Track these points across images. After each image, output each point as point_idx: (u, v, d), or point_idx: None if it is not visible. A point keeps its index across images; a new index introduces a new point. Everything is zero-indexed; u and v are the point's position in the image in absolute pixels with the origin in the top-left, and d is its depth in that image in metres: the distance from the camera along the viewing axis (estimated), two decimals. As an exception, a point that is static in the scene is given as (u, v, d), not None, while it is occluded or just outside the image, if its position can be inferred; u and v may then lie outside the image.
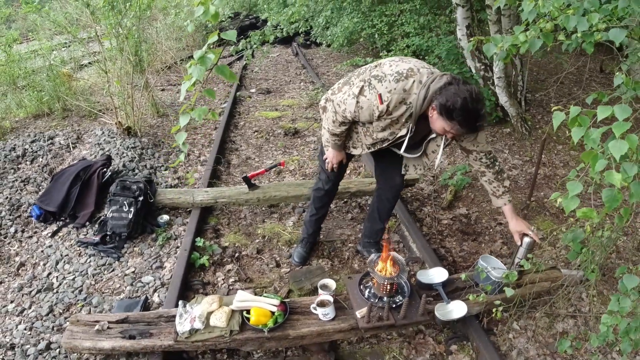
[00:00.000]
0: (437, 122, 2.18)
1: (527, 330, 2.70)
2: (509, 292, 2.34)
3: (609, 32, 1.83)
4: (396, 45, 6.26)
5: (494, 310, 2.37)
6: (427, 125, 2.29)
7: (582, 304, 2.89)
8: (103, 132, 5.16)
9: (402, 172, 2.77)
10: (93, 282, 3.07)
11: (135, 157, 4.61)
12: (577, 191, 1.35)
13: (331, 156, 2.77)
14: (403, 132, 2.33)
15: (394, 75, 2.17)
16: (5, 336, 2.68)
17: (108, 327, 2.40)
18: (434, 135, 2.43)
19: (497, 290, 2.55)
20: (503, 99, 5.04)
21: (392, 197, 2.99)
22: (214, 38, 1.35)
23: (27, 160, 4.63)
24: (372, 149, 2.59)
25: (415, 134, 2.39)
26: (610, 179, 1.25)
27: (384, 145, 2.51)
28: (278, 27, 6.60)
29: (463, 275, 2.55)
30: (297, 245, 3.33)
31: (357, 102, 2.28)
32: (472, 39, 2.02)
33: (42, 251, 3.39)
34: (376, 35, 7.10)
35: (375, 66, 2.31)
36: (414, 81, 2.16)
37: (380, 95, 2.18)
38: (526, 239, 2.67)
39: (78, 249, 3.38)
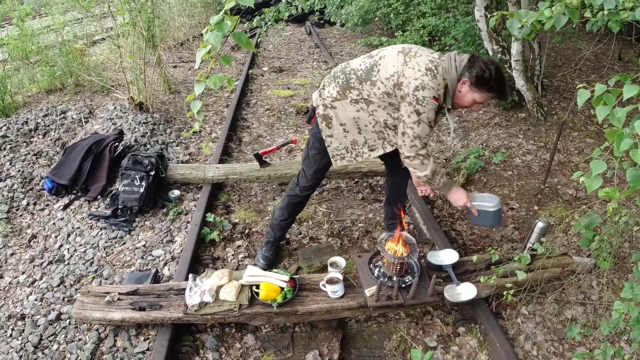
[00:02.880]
0: (468, 95, 2.24)
1: (535, 315, 2.68)
2: (521, 275, 2.32)
3: (635, 12, 1.76)
4: (412, 25, 6.15)
5: (504, 293, 2.36)
6: None
7: (592, 291, 2.86)
8: (115, 107, 5.16)
9: None
10: (104, 255, 3.10)
11: (147, 133, 4.61)
12: (601, 170, 1.32)
13: (461, 199, 2.54)
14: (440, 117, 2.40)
15: (428, 75, 2.18)
16: (16, 306, 2.72)
17: (118, 299, 2.43)
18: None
19: (495, 222, 2.56)
20: (519, 82, 4.94)
21: (404, 174, 2.91)
22: (231, 4, 1.32)
23: (39, 134, 4.65)
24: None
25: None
26: (636, 158, 1.21)
27: None
28: (292, 4, 6.50)
29: (474, 257, 2.53)
30: (260, 248, 3.04)
31: (427, 120, 2.26)
32: (494, 13, 1.96)
33: (53, 223, 3.42)
34: (392, 15, 6.97)
35: (398, 78, 2.23)
36: (441, 68, 2.22)
37: (434, 97, 2.20)
38: (539, 224, 2.65)
39: (89, 221, 3.41)
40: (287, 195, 2.89)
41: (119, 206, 3.42)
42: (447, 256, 2.66)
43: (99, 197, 3.67)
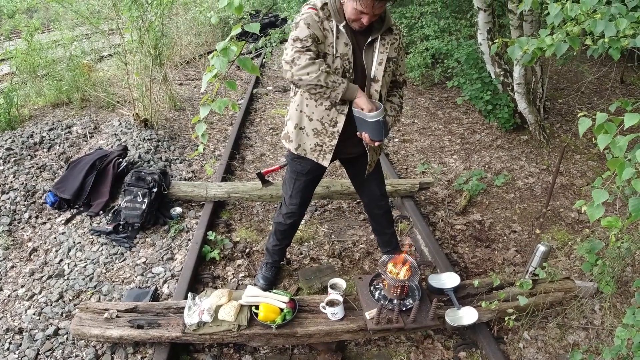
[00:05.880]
0: (348, 5, 2.08)
1: (537, 340, 2.65)
2: (522, 300, 2.31)
3: (636, 39, 1.79)
4: (415, 48, 6.22)
5: (506, 319, 2.34)
6: (360, 35, 2.22)
7: (595, 316, 2.84)
8: (120, 123, 5.20)
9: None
10: (104, 271, 3.09)
11: (151, 149, 4.64)
12: (603, 199, 1.31)
13: (367, 103, 2.19)
14: (344, 46, 2.18)
15: None
16: (14, 320, 2.71)
17: (117, 316, 2.41)
18: (369, 40, 2.22)
19: (379, 132, 2.22)
20: (522, 105, 4.97)
21: (380, 211, 2.87)
22: (237, 30, 1.34)
23: (44, 148, 4.68)
24: (338, 124, 2.31)
25: (355, 48, 2.23)
26: (637, 187, 1.22)
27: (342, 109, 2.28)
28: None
29: (476, 282, 2.52)
30: (260, 268, 3.01)
31: (304, 23, 2.12)
32: (496, 40, 1.99)
33: (55, 238, 3.42)
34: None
35: None
36: None
37: (310, 7, 2.15)
38: (541, 247, 2.64)
39: (91, 237, 3.40)
40: (274, 222, 2.88)
41: (121, 222, 3.42)
42: (448, 279, 2.65)
43: (101, 212, 3.67)
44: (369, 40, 2.23)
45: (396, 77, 2.48)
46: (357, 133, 2.30)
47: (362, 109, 2.18)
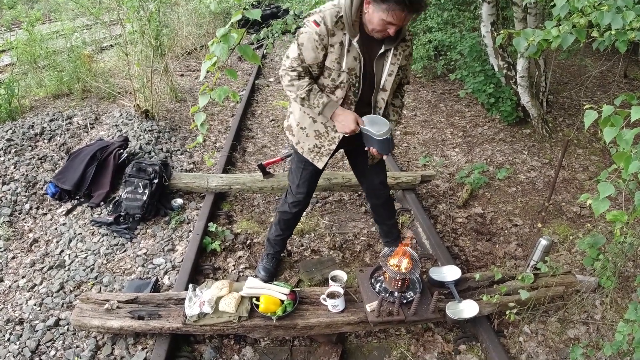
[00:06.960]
0: (374, 16, 1.98)
1: (538, 334, 2.65)
2: (524, 294, 2.30)
3: (643, 32, 1.77)
4: (418, 40, 6.18)
5: (507, 312, 2.33)
6: (373, 44, 2.16)
7: (595, 311, 2.83)
8: (121, 114, 5.19)
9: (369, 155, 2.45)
10: (105, 262, 3.09)
11: (152, 140, 4.62)
12: (609, 193, 1.30)
13: (348, 124, 2.22)
14: (352, 61, 2.15)
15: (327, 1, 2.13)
16: (15, 311, 2.71)
17: (117, 307, 2.41)
18: (382, 51, 2.18)
19: (383, 151, 2.28)
20: (525, 99, 4.95)
21: (380, 201, 2.87)
22: (238, 16, 1.32)
23: (44, 139, 4.67)
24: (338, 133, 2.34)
25: (366, 60, 2.19)
26: (643, 181, 1.21)
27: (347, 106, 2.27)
28: (300, 17, 6.55)
29: (477, 275, 2.51)
30: (261, 259, 3.02)
31: (298, 43, 2.13)
32: (501, 31, 1.96)
33: (55, 229, 3.42)
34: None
35: None
36: (337, 1, 2.08)
37: (314, 21, 2.07)
38: (543, 242, 2.63)
39: (91, 228, 3.40)
40: (277, 212, 2.87)
41: (122, 213, 3.42)
42: (449, 272, 2.64)
43: (102, 203, 3.66)
44: (381, 51, 2.19)
45: (401, 81, 2.47)
46: (365, 148, 2.33)
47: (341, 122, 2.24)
